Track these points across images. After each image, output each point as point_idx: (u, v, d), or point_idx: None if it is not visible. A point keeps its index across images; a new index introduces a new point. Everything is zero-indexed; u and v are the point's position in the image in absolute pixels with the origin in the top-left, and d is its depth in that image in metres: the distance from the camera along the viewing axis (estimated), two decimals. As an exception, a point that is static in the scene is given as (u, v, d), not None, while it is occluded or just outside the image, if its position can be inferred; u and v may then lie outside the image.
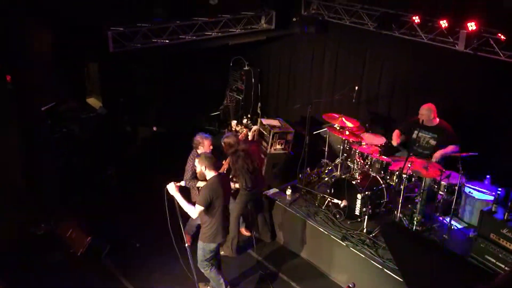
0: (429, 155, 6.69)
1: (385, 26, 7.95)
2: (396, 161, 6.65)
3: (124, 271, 6.53)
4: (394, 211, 6.58)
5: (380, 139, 7.25)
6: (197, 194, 6.12)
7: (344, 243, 6.34)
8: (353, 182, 6.64)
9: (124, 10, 7.72)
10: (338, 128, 7.31)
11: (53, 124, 8.03)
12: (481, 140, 7.09)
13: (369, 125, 8.04)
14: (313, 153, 8.71)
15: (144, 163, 8.92)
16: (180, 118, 10.10)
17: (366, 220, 6.51)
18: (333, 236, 6.49)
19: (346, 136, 7.18)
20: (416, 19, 7.44)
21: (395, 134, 7.20)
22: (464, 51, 7.13)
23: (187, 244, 5.50)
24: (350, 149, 7.27)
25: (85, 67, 9.82)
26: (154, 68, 9.69)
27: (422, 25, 7.57)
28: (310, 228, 6.78)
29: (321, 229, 6.64)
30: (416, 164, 6.18)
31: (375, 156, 6.75)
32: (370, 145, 7.10)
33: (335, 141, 8.11)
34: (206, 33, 8.67)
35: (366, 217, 6.51)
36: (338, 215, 6.82)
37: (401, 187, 6.33)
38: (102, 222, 7.30)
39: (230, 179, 6.45)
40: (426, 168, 6.12)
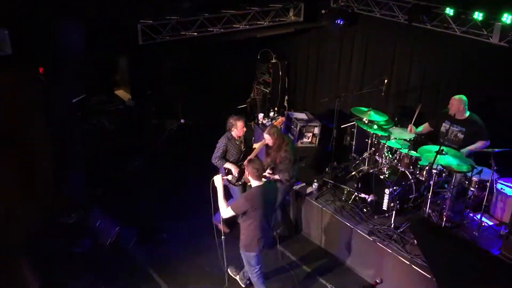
0: (457, 150, 6.53)
1: (416, 18, 7.78)
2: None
3: (151, 262, 6.62)
4: (423, 207, 6.47)
5: (409, 133, 7.12)
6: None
7: (371, 238, 6.28)
8: (381, 177, 6.55)
9: (154, 3, 7.76)
10: (367, 122, 7.22)
11: (83, 116, 8.17)
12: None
13: (398, 119, 7.91)
14: (341, 147, 8.66)
15: (172, 155, 9.00)
16: (207, 111, 10.13)
17: (394, 215, 6.43)
18: (360, 231, 6.43)
19: (374, 130, 7.08)
20: (449, 11, 7.26)
21: (421, 127, 7.08)
22: (499, 44, 6.94)
23: (223, 237, 5.47)
24: (378, 143, 7.17)
25: (115, 60, 9.94)
26: (182, 61, 9.73)
27: (455, 18, 7.39)
28: (337, 222, 6.74)
29: (348, 224, 6.59)
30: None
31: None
32: (399, 139, 6.99)
33: (363, 135, 8.00)
34: (234, 26, 8.66)
35: (394, 212, 6.42)
36: (365, 210, 6.75)
37: (431, 183, 6.21)
38: (130, 213, 7.40)
39: (270, 172, 6.38)
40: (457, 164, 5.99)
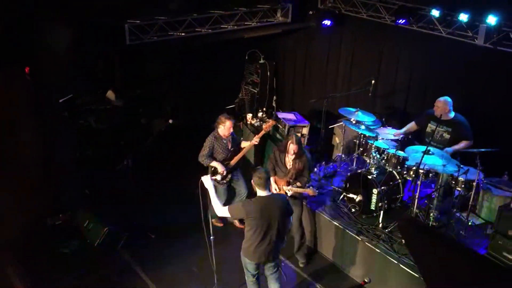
0: (442, 149, 6.62)
1: (403, 19, 7.85)
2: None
3: (140, 262, 6.60)
4: (411, 207, 6.53)
5: (397, 134, 7.20)
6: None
7: (359, 238, 6.33)
8: (369, 177, 6.61)
9: (141, 3, 7.73)
10: (354, 122, 7.27)
11: (70, 116, 8.10)
12: (500, 136, 6.99)
13: (386, 119, 7.99)
14: (329, 147, 8.72)
15: (160, 156, 8.97)
16: (195, 111, 10.12)
17: (382, 215, 6.48)
18: (348, 231, 6.48)
19: (362, 130, 7.14)
20: (435, 13, 7.35)
21: (407, 126, 7.18)
22: (484, 46, 7.03)
23: (212, 237, 5.46)
24: (366, 144, 7.23)
25: (102, 60, 9.88)
26: (170, 61, 9.71)
27: (441, 19, 7.48)
28: (325, 222, 6.78)
29: (336, 223, 6.63)
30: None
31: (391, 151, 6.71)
32: (386, 140, 7.06)
33: (351, 136, 8.07)
34: (222, 26, 8.65)
35: (382, 212, 6.48)
36: (353, 210, 6.80)
37: (418, 183, 6.28)
38: (118, 213, 7.36)
39: (290, 181, 6.29)
40: (444, 164, 6.07)
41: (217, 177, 5.40)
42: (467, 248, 5.42)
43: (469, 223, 6.38)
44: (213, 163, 6.59)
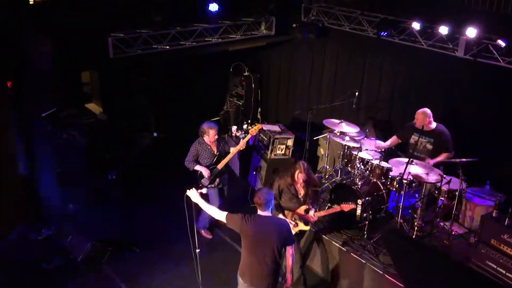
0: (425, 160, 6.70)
1: (385, 32, 7.97)
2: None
3: (124, 277, 6.50)
4: (395, 217, 6.58)
5: (380, 147, 7.26)
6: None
7: (345, 249, 6.34)
8: (354, 188, 6.64)
9: (125, 16, 7.74)
10: (339, 134, 7.32)
11: (54, 130, 8.04)
12: (481, 146, 7.10)
13: (369, 131, 8.06)
14: (314, 159, 8.76)
15: (144, 169, 8.92)
16: (180, 124, 10.10)
17: (367, 226, 6.51)
18: (334, 242, 6.48)
19: (346, 142, 7.18)
20: (416, 26, 7.47)
21: (389, 141, 7.24)
22: (464, 57, 7.17)
23: (198, 250, 5.37)
24: (350, 155, 7.27)
25: (84, 73, 9.85)
26: (154, 74, 9.71)
27: (422, 32, 7.61)
28: (310, 233, 6.78)
29: (321, 235, 6.63)
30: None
31: (375, 162, 6.76)
32: (370, 151, 7.12)
33: (335, 147, 8.11)
34: (206, 39, 8.71)
35: (367, 223, 6.50)
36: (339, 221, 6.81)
37: (401, 193, 6.33)
38: (102, 228, 7.28)
39: (307, 209, 5.90)
40: (427, 174, 6.13)
41: (203, 191, 5.36)
42: (450, 258, 5.46)
43: (452, 232, 6.44)
44: (197, 167, 6.83)
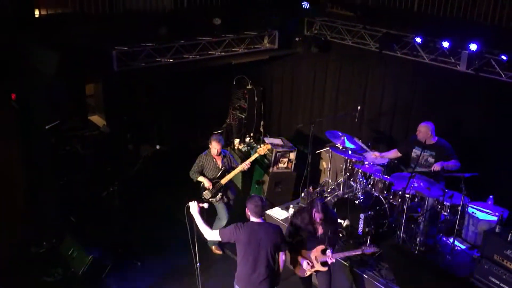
0: (429, 172, 6.67)
1: (387, 47, 8.00)
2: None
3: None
4: (397, 231, 6.55)
5: (383, 159, 7.25)
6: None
7: (347, 263, 6.30)
8: (356, 202, 6.62)
9: (129, 30, 7.80)
10: (341, 148, 7.32)
11: (57, 142, 8.07)
12: (484, 161, 7.09)
13: (372, 144, 8.06)
14: (316, 172, 8.74)
15: (147, 182, 8.92)
16: (183, 137, 10.13)
17: (369, 240, 6.47)
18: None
19: (349, 156, 7.18)
20: (418, 40, 7.50)
21: (389, 153, 7.25)
22: (466, 72, 7.18)
23: (198, 264, 5.36)
24: (353, 169, 7.27)
25: (88, 85, 9.91)
26: (158, 87, 9.76)
27: (424, 46, 7.64)
28: (313, 248, 6.74)
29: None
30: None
31: (378, 176, 6.75)
32: (373, 165, 7.11)
33: (338, 160, 8.11)
34: (210, 53, 8.76)
35: (369, 237, 6.47)
36: (341, 235, 6.78)
37: (404, 207, 6.31)
38: (104, 241, 7.27)
39: (324, 249, 5.50)
40: (429, 189, 6.12)
41: (205, 205, 5.34)
42: (451, 274, 5.43)
43: (455, 248, 6.40)
44: (200, 178, 6.83)
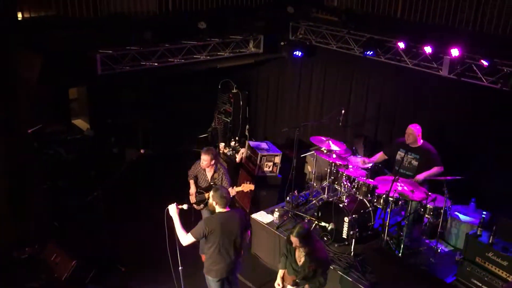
0: (412, 177, 6.74)
1: (371, 51, 8.08)
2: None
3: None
4: (381, 234, 6.60)
5: (369, 164, 7.32)
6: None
7: (332, 267, 6.33)
8: (340, 205, 6.66)
9: (113, 33, 7.76)
10: (325, 151, 7.37)
11: (40, 147, 7.98)
12: (466, 164, 7.18)
13: (356, 148, 8.13)
14: (301, 176, 8.78)
15: (132, 186, 8.87)
16: (168, 141, 10.10)
17: (354, 243, 6.52)
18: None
19: (333, 159, 7.23)
20: (401, 45, 7.60)
21: (375, 156, 7.33)
22: (448, 77, 7.29)
23: (181, 268, 5.38)
24: (337, 172, 7.31)
25: (71, 89, 9.83)
26: (143, 91, 9.72)
27: (407, 51, 7.74)
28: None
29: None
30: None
31: (362, 179, 6.81)
32: (357, 168, 7.17)
33: (323, 164, 8.16)
34: (195, 57, 8.75)
35: (354, 240, 6.51)
36: (326, 238, 6.82)
37: (388, 210, 6.37)
38: (88, 246, 7.21)
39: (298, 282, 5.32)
40: (412, 192, 6.18)
41: (184, 206, 5.31)
42: (433, 277, 5.49)
43: (438, 250, 6.48)
44: (191, 182, 6.84)
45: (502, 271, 5.50)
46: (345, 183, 7.04)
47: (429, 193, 6.22)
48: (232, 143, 9.92)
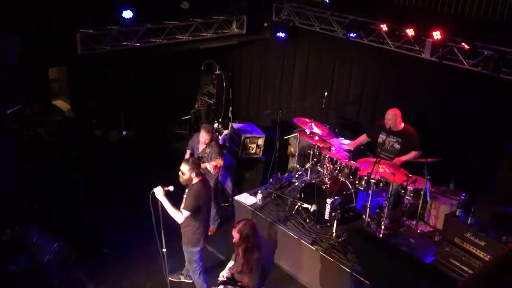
0: (393, 159, 6.84)
1: (354, 33, 8.07)
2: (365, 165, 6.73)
3: (91, 278, 6.43)
4: (363, 216, 6.69)
5: (350, 144, 7.38)
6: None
7: (314, 247, 6.41)
8: (323, 187, 6.72)
9: (94, 12, 7.61)
10: (308, 133, 7.39)
11: (19, 128, 7.85)
12: (446, 146, 7.29)
13: (339, 130, 8.17)
14: (284, 158, 8.82)
15: (113, 168, 8.81)
16: (151, 122, 10.03)
17: (336, 225, 6.60)
18: (303, 241, 6.55)
19: (316, 141, 7.27)
20: (384, 27, 7.60)
21: (359, 139, 7.38)
22: (430, 59, 7.34)
23: (164, 249, 5.42)
24: (320, 154, 7.36)
25: (51, 69, 9.65)
26: (124, 71, 9.60)
27: (390, 33, 7.75)
28: (280, 233, 6.84)
29: (291, 233, 6.69)
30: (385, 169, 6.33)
31: (344, 161, 6.86)
32: (339, 150, 7.22)
33: (306, 146, 8.20)
34: (177, 37, 8.65)
35: (336, 222, 6.59)
36: (308, 220, 6.89)
37: (369, 192, 6.44)
38: (70, 228, 7.17)
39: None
40: (394, 174, 6.26)
41: (170, 188, 5.34)
42: (416, 259, 5.59)
43: (418, 231, 6.60)
44: (188, 151, 7.20)
45: (480, 251, 5.63)
46: (328, 165, 7.09)
47: (410, 175, 6.30)
48: (216, 125, 9.88)
